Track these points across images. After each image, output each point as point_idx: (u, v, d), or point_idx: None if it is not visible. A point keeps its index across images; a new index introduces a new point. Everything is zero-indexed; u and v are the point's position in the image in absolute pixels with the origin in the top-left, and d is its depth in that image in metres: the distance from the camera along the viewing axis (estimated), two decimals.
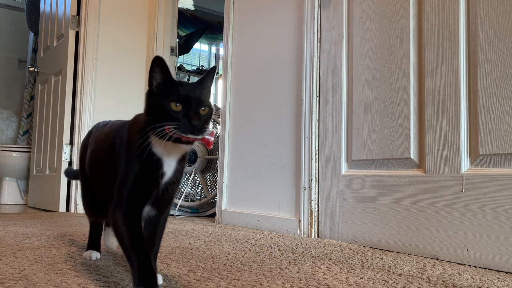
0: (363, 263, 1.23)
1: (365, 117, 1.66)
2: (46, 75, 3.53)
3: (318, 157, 1.85)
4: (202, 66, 5.17)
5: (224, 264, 1.17)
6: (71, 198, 3.03)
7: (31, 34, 4.48)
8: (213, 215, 2.71)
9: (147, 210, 0.92)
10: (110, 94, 3.15)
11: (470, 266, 1.24)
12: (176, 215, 2.76)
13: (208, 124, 0.86)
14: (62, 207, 3.02)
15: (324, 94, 1.86)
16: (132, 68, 3.25)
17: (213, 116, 3.04)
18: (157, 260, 1.21)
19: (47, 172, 3.30)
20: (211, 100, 0.92)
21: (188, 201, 2.83)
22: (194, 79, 4.75)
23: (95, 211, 1.20)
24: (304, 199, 1.85)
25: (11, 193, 3.93)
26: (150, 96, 0.86)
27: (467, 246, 1.27)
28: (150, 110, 0.86)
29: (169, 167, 0.89)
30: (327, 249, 1.49)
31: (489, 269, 1.20)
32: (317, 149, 1.86)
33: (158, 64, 0.85)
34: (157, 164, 0.87)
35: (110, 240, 1.22)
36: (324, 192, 1.81)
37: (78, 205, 2.97)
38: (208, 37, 5.26)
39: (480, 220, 1.25)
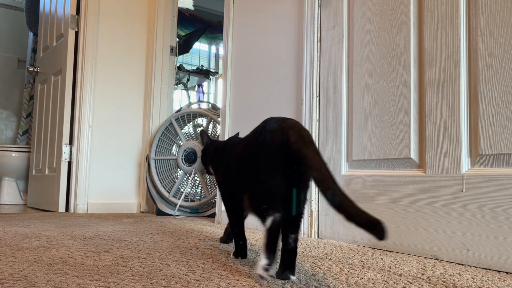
0: (363, 264, 1.23)
1: (365, 117, 1.66)
2: (46, 75, 3.52)
3: None
4: (202, 66, 5.17)
5: (224, 264, 1.17)
6: (70, 198, 3.03)
7: (31, 34, 4.48)
8: (213, 215, 2.70)
9: None
10: (109, 94, 3.15)
11: (470, 266, 1.24)
12: (176, 215, 2.76)
13: None
14: (61, 207, 3.01)
15: (324, 94, 1.85)
16: (131, 67, 3.25)
17: (213, 116, 3.02)
18: (157, 260, 1.21)
19: (47, 172, 3.29)
20: (211, 100, 0.92)
21: (188, 201, 2.83)
22: (194, 79, 4.74)
23: None
24: None
25: (11, 193, 3.92)
26: None
27: (468, 246, 1.27)
28: None
29: None
30: (327, 249, 1.48)
31: (489, 269, 1.20)
32: None
33: None
34: None
35: None
36: None
37: (77, 205, 2.97)
38: (208, 37, 5.26)
39: (481, 220, 1.25)
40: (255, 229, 2.07)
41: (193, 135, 2.96)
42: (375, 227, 0.77)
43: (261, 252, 0.94)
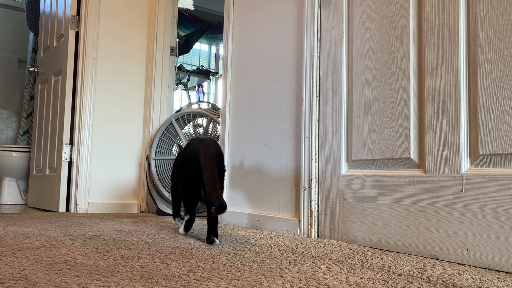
0: (363, 263, 1.23)
1: (365, 117, 1.66)
2: (46, 75, 3.53)
3: (318, 157, 1.85)
4: (202, 66, 5.18)
5: (224, 264, 1.17)
6: (71, 198, 3.03)
7: (31, 34, 4.48)
8: None
9: None
10: (110, 94, 3.16)
11: (470, 266, 1.24)
12: None
13: None
14: (62, 207, 3.02)
15: (324, 94, 1.86)
16: (132, 68, 3.26)
17: (213, 116, 3.02)
18: (158, 260, 1.21)
19: (47, 172, 3.30)
20: (211, 100, 0.94)
21: None
22: (194, 79, 4.75)
23: None
24: (304, 199, 1.85)
25: (11, 193, 3.93)
26: None
27: (467, 246, 1.27)
28: None
29: None
30: (327, 249, 1.49)
31: (489, 269, 1.20)
32: (317, 149, 1.86)
33: None
34: None
35: None
36: (324, 192, 1.81)
37: (78, 205, 2.97)
38: (208, 37, 5.26)
39: (480, 220, 1.25)
40: (254, 229, 2.07)
41: (193, 135, 2.97)
42: (222, 208, 1.32)
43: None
